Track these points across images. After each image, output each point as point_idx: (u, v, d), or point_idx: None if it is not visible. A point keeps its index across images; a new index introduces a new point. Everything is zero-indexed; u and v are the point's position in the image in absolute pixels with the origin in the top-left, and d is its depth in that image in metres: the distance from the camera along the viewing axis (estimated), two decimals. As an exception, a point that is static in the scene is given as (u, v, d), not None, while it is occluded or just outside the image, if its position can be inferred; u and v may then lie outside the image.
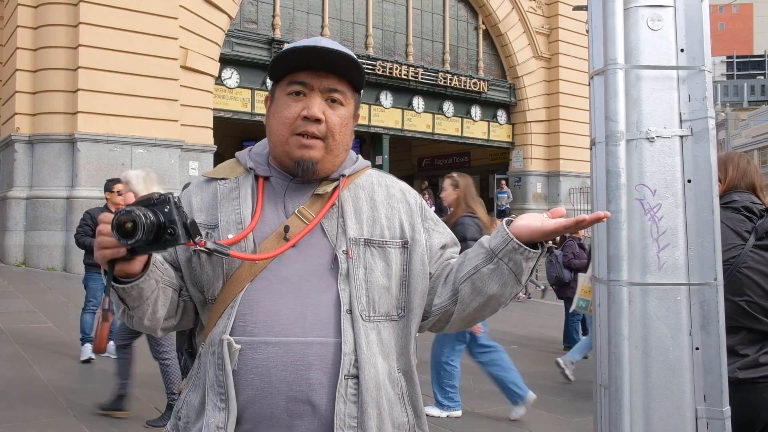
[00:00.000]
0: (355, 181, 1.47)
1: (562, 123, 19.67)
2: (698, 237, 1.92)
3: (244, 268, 1.33)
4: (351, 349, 1.30)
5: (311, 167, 1.38)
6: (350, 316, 1.32)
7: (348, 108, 1.43)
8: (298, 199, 1.41)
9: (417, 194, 1.56)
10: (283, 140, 1.39)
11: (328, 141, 1.38)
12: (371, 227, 1.41)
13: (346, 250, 1.36)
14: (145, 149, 12.58)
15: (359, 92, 1.47)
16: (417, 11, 18.36)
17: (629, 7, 1.97)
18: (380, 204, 1.46)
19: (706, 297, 1.91)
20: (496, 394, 5.52)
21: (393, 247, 1.41)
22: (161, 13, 12.88)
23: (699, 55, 1.94)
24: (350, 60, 1.38)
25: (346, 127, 1.42)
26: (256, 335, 1.29)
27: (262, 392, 1.27)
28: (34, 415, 4.51)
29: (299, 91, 1.38)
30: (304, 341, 1.28)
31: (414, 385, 1.42)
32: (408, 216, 1.47)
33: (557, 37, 19.76)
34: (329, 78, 1.38)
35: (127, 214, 1.15)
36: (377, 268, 1.38)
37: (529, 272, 1.38)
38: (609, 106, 1.95)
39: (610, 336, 1.94)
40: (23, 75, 12.32)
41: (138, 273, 1.24)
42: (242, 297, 1.32)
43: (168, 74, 12.93)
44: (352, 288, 1.33)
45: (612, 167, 1.93)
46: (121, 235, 1.15)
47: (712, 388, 1.90)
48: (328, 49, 1.36)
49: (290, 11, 16.08)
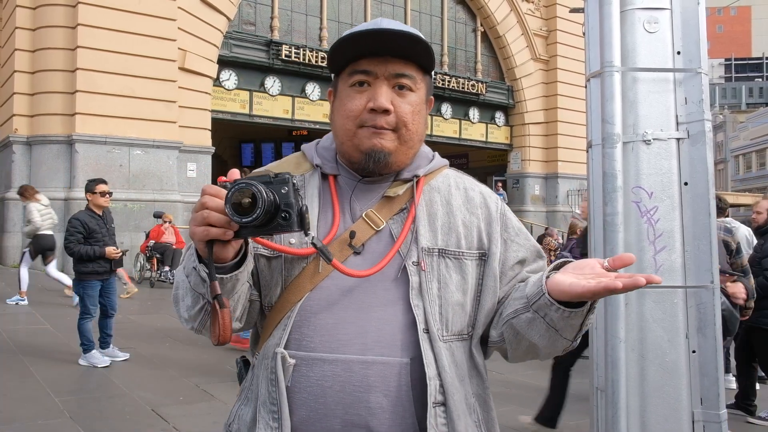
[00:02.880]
0: (430, 182, 1.33)
1: (560, 125, 19.69)
2: (695, 240, 1.91)
3: (304, 276, 1.22)
4: (434, 373, 1.18)
5: (383, 159, 1.24)
6: (428, 336, 1.19)
7: (419, 93, 1.27)
8: (367, 201, 1.29)
9: (499, 199, 1.40)
10: (350, 134, 1.25)
11: (400, 132, 1.24)
12: (446, 236, 1.27)
13: (417, 261, 1.23)
14: (143, 150, 12.57)
15: (430, 74, 1.32)
16: (415, 13, 18.37)
17: (626, 9, 1.97)
18: (457, 209, 1.31)
19: (702, 300, 1.90)
20: (494, 396, 5.51)
21: (470, 258, 1.28)
22: (159, 15, 12.87)
23: (695, 58, 1.94)
24: (416, 40, 1.23)
25: (418, 114, 1.27)
26: (312, 350, 1.18)
27: (317, 414, 1.17)
28: (31, 417, 4.50)
29: (363, 81, 1.24)
30: (364, 360, 1.16)
31: (489, 410, 1.31)
32: (487, 224, 1.32)
33: (555, 40, 19.79)
34: (395, 63, 1.24)
35: (245, 188, 1.00)
36: (452, 283, 1.24)
37: (576, 330, 1.17)
38: (605, 108, 1.94)
39: (606, 339, 1.93)
40: (21, 76, 12.31)
41: (230, 260, 1.10)
42: (300, 307, 1.20)
43: (166, 76, 12.93)
44: (425, 304, 1.20)
45: (608, 170, 1.93)
46: (235, 212, 1.00)
47: (708, 391, 1.90)
48: (389, 30, 1.22)
49: (288, 13, 16.08)
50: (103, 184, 6.26)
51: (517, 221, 1.38)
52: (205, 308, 1.15)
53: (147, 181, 12.62)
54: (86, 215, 6.12)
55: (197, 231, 1.04)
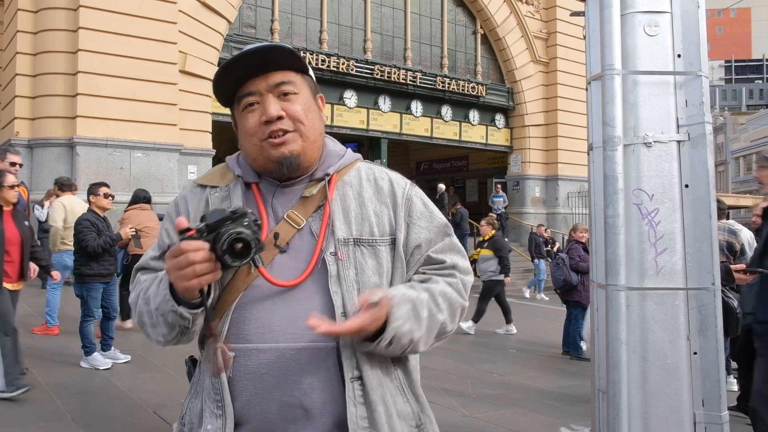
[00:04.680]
0: (342, 178, 1.44)
1: (560, 127, 19.70)
2: (696, 242, 1.92)
3: (238, 278, 1.33)
4: (350, 352, 1.30)
5: (295, 161, 1.37)
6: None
7: (303, 94, 1.40)
8: (287, 203, 1.40)
9: (408, 184, 1.50)
10: (258, 148, 1.37)
11: (299, 129, 1.37)
12: (360, 226, 1.39)
13: (334, 251, 1.34)
14: (144, 153, 12.58)
15: (308, 74, 1.44)
16: (415, 15, 18.39)
17: (626, 12, 1.98)
18: (368, 200, 1.42)
19: (704, 301, 1.91)
20: (494, 398, 5.52)
21: (383, 244, 1.40)
22: (160, 18, 12.89)
23: (696, 61, 1.95)
24: (278, 49, 1.36)
25: (310, 111, 1.40)
26: (248, 342, 1.30)
27: (256, 398, 1.29)
28: (32, 420, 4.50)
29: (252, 102, 1.37)
30: (296, 347, 1.29)
31: (410, 374, 1.42)
32: (394, 210, 1.43)
33: (555, 42, 19.80)
34: (272, 75, 1.37)
35: (235, 236, 1.16)
36: (368, 268, 1.36)
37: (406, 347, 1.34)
38: (606, 111, 1.95)
39: (608, 340, 1.94)
40: (23, 79, 12.32)
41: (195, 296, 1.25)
42: (236, 306, 1.32)
43: (167, 78, 12.94)
44: (343, 290, 1.32)
45: (609, 172, 1.94)
46: (234, 258, 1.16)
47: (710, 393, 1.91)
48: (252, 50, 1.34)
49: (289, 16, 16.11)
50: (106, 187, 6.35)
51: (422, 205, 1.48)
52: (182, 332, 1.32)
53: (148, 183, 12.61)
54: (93, 215, 6.19)
55: (192, 284, 1.20)
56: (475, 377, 6.30)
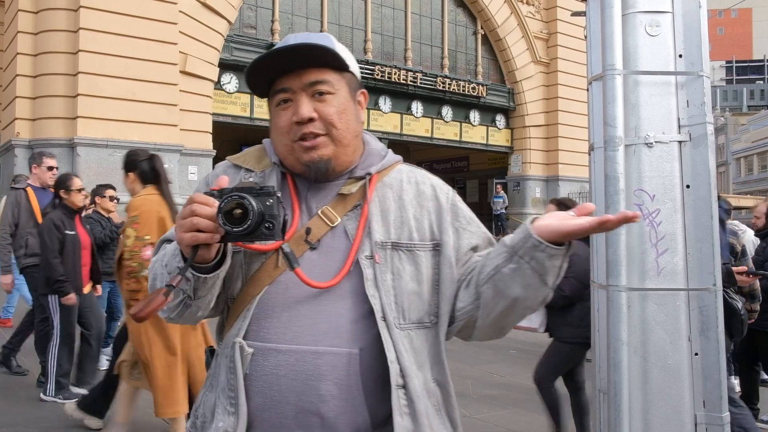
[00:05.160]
0: (383, 179, 1.38)
1: (560, 128, 19.70)
2: (697, 242, 1.92)
3: (264, 270, 1.28)
4: (394, 357, 1.24)
5: (325, 167, 1.31)
6: (386, 324, 1.25)
7: (340, 94, 1.33)
8: (322, 199, 1.34)
9: (450, 190, 1.45)
10: (288, 149, 1.32)
11: (332, 133, 1.30)
12: (399, 230, 1.33)
13: (370, 254, 1.28)
14: (145, 154, 12.58)
15: (350, 71, 1.37)
16: (416, 16, 18.40)
17: (627, 12, 1.97)
18: (408, 204, 1.36)
19: (705, 302, 1.91)
20: (495, 399, 5.51)
21: (423, 249, 1.33)
22: (160, 19, 12.91)
23: (697, 61, 1.95)
24: (317, 48, 1.29)
25: (344, 113, 1.32)
26: (268, 341, 1.25)
27: (272, 401, 1.23)
28: (32, 420, 4.50)
29: (285, 99, 1.31)
30: (316, 350, 1.23)
31: (449, 396, 1.36)
32: (437, 215, 1.37)
33: (556, 42, 19.81)
34: (307, 73, 1.30)
35: (237, 199, 1.09)
36: (406, 273, 1.30)
37: (557, 273, 1.23)
38: (607, 111, 1.95)
39: (609, 341, 1.93)
40: (23, 80, 12.33)
41: (211, 260, 1.18)
42: (259, 300, 1.27)
43: (167, 79, 12.96)
44: (382, 294, 1.26)
45: (611, 172, 1.93)
46: (227, 221, 1.08)
47: (711, 394, 1.90)
48: (290, 46, 1.28)
49: (289, 16, 16.12)
50: (112, 190, 6.38)
51: (468, 211, 1.44)
52: (185, 302, 1.23)
53: (148, 184, 12.64)
54: (96, 215, 6.22)
55: (185, 237, 1.12)
56: (476, 378, 6.30)
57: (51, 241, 4.82)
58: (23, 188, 5.41)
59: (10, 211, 5.24)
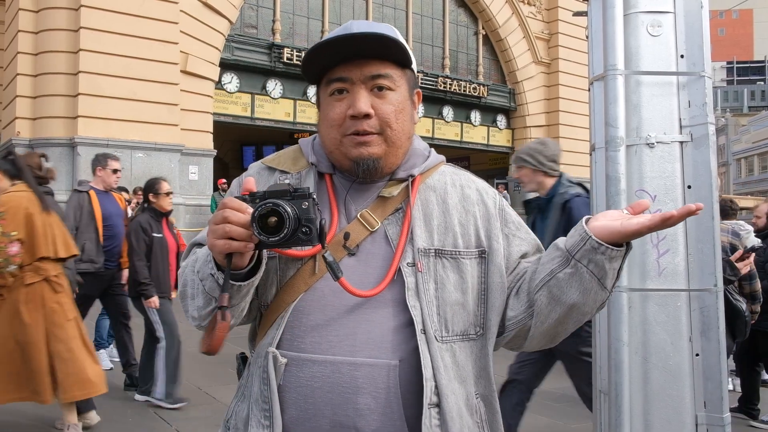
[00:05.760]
0: (426, 181, 1.30)
1: (562, 128, 19.68)
2: (698, 243, 1.91)
3: (299, 277, 1.22)
4: (431, 374, 1.17)
5: (373, 165, 1.23)
6: (425, 337, 1.18)
7: (399, 91, 1.25)
8: (362, 201, 1.27)
9: (497, 194, 1.37)
10: (336, 143, 1.24)
11: (386, 133, 1.22)
12: (443, 236, 1.25)
13: (413, 262, 1.21)
14: (145, 153, 12.59)
15: (410, 68, 1.29)
16: (417, 16, 18.39)
17: (629, 12, 1.97)
18: (453, 208, 1.28)
19: (706, 303, 1.90)
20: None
21: (468, 257, 1.26)
22: (161, 18, 12.91)
23: (699, 61, 1.94)
24: (385, 39, 1.20)
25: (402, 113, 1.25)
26: (302, 351, 1.18)
27: (306, 413, 1.17)
28: (32, 420, 4.50)
29: (341, 89, 1.23)
30: (353, 361, 1.16)
31: (494, 412, 1.28)
32: (485, 221, 1.30)
33: (557, 43, 19.80)
34: (369, 65, 1.22)
35: (272, 206, 1.03)
36: (450, 283, 1.23)
37: (615, 276, 1.16)
38: (609, 111, 1.95)
39: (609, 342, 1.93)
40: (24, 79, 12.33)
41: (244, 267, 1.12)
42: (293, 307, 1.20)
43: (168, 79, 12.96)
44: (423, 305, 1.19)
45: (612, 173, 1.93)
46: (262, 230, 1.03)
47: (712, 395, 1.90)
48: (357, 34, 1.20)
49: (290, 16, 16.11)
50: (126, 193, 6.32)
51: (516, 215, 1.36)
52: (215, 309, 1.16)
53: (149, 183, 12.66)
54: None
55: (218, 244, 1.06)
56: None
57: (138, 244, 4.82)
58: (86, 191, 5.38)
59: (72, 214, 5.20)
